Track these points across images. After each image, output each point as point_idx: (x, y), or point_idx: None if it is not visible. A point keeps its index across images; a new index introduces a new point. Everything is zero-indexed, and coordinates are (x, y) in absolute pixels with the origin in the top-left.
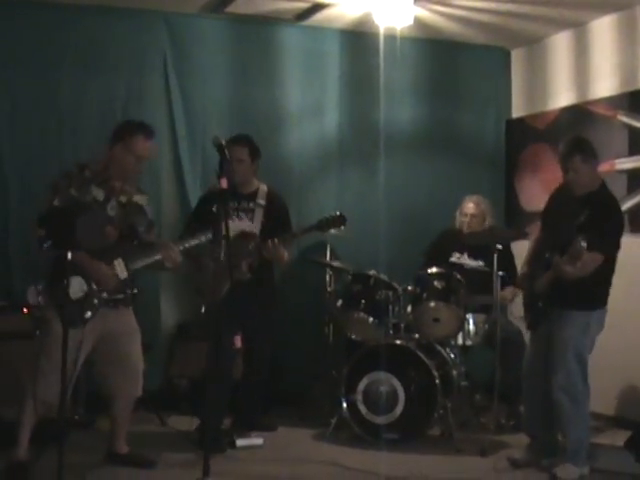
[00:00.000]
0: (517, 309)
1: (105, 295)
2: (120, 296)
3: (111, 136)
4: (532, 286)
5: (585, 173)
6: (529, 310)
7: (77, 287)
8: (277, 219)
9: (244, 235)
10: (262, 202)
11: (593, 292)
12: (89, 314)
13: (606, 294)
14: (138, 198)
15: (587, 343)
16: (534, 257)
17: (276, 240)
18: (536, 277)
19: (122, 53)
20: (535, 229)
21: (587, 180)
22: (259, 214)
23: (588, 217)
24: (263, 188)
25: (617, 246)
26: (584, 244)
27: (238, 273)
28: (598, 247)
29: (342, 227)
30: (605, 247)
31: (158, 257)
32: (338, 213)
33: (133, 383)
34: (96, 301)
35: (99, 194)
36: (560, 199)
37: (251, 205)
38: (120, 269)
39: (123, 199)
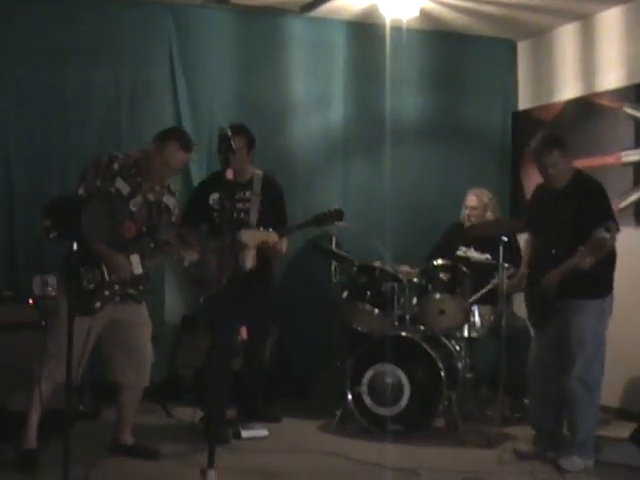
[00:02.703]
0: (522, 310)
1: (117, 288)
2: (132, 291)
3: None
4: (535, 286)
5: (563, 166)
6: (534, 309)
7: (92, 278)
8: (273, 205)
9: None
10: (258, 190)
11: (604, 279)
12: (98, 305)
13: (612, 278)
14: (167, 199)
15: (604, 331)
16: (534, 258)
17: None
18: (541, 275)
19: (128, 44)
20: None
21: (565, 173)
22: (256, 203)
23: (579, 206)
24: (258, 174)
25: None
26: (606, 234)
27: (236, 266)
28: (609, 220)
29: (340, 222)
30: (613, 217)
31: (175, 257)
32: (336, 207)
33: (141, 372)
34: (107, 293)
35: (124, 188)
36: (543, 197)
37: (247, 194)
38: (135, 264)
39: (151, 197)
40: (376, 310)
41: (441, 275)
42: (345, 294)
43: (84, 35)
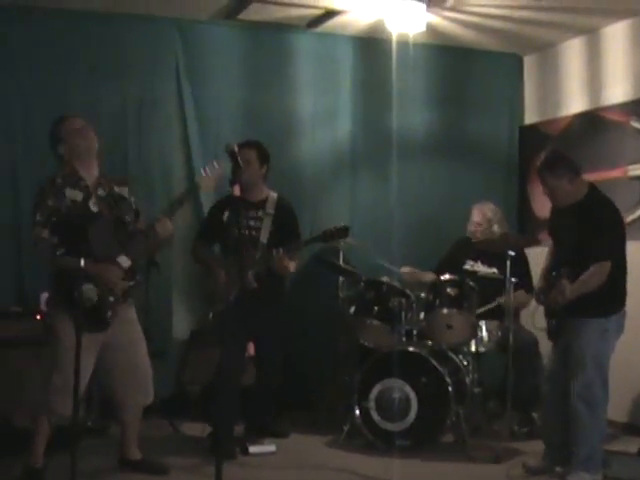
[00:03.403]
0: (537, 319)
1: (119, 290)
2: (131, 283)
3: (55, 150)
4: (548, 300)
5: (559, 188)
6: (547, 324)
7: (89, 293)
8: (286, 228)
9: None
10: (271, 211)
11: (608, 298)
12: (109, 314)
13: (622, 297)
14: (118, 189)
15: (606, 350)
16: (549, 272)
17: (280, 250)
18: (551, 291)
19: (135, 59)
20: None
21: (564, 194)
22: (267, 223)
23: (581, 230)
24: (273, 196)
25: (620, 246)
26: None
27: (244, 282)
28: (602, 255)
29: (345, 239)
30: (607, 253)
31: (155, 237)
32: (342, 224)
33: (142, 391)
34: (112, 299)
35: (76, 195)
36: (555, 213)
37: (260, 214)
38: (123, 260)
39: (102, 193)
40: (383, 325)
41: (448, 290)
42: (352, 309)
43: (91, 50)
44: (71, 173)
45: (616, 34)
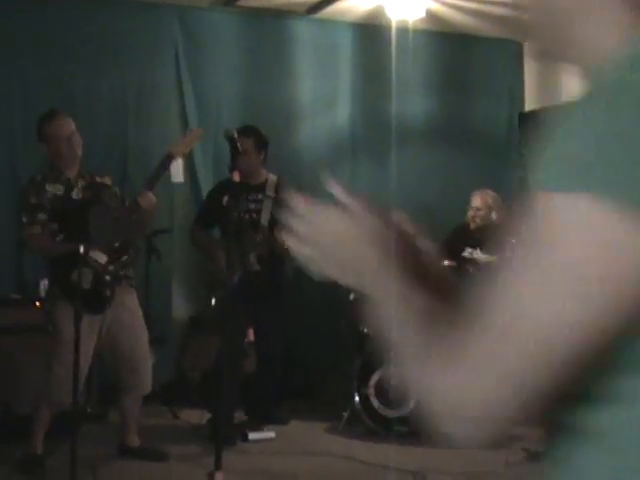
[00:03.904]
0: None
1: (112, 268)
2: (124, 258)
3: (38, 139)
4: None
5: None
6: None
7: (86, 276)
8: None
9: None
10: (271, 194)
11: None
12: (108, 293)
13: None
14: (100, 179)
15: None
16: None
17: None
18: None
19: (135, 46)
20: None
21: None
22: (268, 205)
23: None
24: (272, 178)
25: None
26: None
27: (246, 265)
28: None
29: None
30: None
31: (140, 212)
32: None
33: (141, 380)
34: (108, 277)
35: (57, 189)
36: None
37: (260, 197)
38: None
39: (83, 183)
40: None
41: None
42: (352, 295)
43: (91, 38)
44: (51, 170)
45: None
